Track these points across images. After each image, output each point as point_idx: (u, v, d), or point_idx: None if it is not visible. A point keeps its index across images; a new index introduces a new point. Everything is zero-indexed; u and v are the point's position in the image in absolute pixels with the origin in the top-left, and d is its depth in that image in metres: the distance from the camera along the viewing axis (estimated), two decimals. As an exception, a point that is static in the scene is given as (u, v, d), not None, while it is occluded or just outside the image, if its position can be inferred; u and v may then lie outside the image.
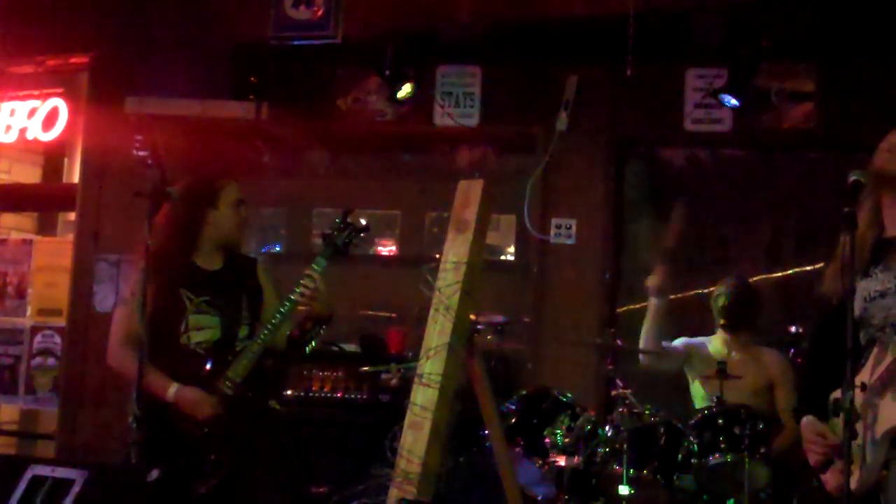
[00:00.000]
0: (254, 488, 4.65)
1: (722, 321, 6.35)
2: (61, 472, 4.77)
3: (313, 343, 4.90)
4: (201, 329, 4.72)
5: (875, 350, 3.63)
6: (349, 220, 4.88)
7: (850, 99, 6.92)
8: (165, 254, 4.67)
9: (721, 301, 6.36)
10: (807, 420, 3.73)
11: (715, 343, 6.41)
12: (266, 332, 4.70)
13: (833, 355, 3.48)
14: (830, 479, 3.62)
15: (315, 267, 4.74)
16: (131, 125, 7.18)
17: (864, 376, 3.56)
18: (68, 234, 8.21)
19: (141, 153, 7.03)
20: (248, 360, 4.67)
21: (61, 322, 7.88)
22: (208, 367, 4.66)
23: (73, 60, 7.94)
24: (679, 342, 6.47)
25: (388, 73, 7.06)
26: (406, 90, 7.11)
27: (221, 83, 7.51)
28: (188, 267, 4.79)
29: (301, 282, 4.71)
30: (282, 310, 4.71)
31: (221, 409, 4.60)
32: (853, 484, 3.49)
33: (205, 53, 7.51)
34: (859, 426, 3.47)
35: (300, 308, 4.74)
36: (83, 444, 7.44)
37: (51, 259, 8.09)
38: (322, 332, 4.89)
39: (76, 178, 8.02)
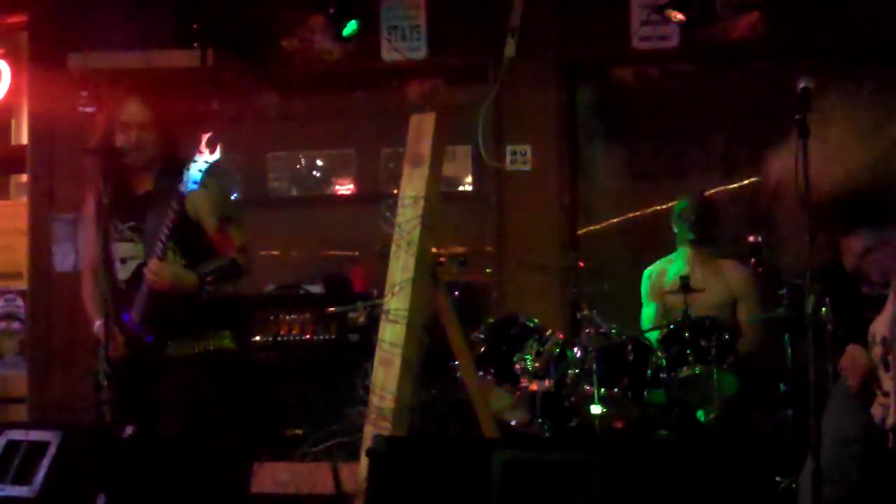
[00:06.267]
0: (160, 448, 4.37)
1: (688, 236, 6.38)
2: (35, 435, 4.75)
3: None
4: (126, 260, 4.49)
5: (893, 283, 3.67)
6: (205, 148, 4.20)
7: (794, 6, 6.93)
8: (97, 188, 4.50)
9: (685, 216, 6.39)
10: (850, 347, 3.77)
11: (678, 262, 6.45)
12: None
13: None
14: (876, 412, 3.66)
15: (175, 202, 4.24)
16: (76, 82, 7.10)
17: (885, 318, 3.61)
18: (22, 197, 8.14)
19: (87, 109, 6.97)
20: (141, 300, 4.37)
21: (22, 285, 7.86)
22: (125, 301, 4.42)
23: (11, 20, 7.82)
24: (646, 283, 6.51)
25: (331, 11, 7.00)
26: (351, 27, 7.05)
27: (164, 32, 7.40)
28: (121, 194, 4.51)
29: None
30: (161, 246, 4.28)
31: (123, 352, 4.38)
32: (891, 418, 3.53)
33: (146, 3, 7.40)
34: (891, 358, 3.52)
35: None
36: (54, 405, 7.44)
37: (7, 222, 8.04)
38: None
39: (25, 140, 7.95)
